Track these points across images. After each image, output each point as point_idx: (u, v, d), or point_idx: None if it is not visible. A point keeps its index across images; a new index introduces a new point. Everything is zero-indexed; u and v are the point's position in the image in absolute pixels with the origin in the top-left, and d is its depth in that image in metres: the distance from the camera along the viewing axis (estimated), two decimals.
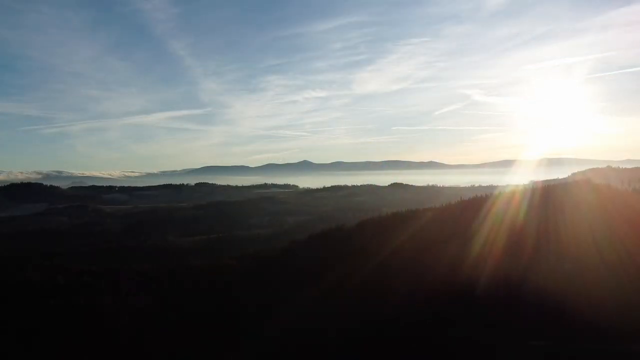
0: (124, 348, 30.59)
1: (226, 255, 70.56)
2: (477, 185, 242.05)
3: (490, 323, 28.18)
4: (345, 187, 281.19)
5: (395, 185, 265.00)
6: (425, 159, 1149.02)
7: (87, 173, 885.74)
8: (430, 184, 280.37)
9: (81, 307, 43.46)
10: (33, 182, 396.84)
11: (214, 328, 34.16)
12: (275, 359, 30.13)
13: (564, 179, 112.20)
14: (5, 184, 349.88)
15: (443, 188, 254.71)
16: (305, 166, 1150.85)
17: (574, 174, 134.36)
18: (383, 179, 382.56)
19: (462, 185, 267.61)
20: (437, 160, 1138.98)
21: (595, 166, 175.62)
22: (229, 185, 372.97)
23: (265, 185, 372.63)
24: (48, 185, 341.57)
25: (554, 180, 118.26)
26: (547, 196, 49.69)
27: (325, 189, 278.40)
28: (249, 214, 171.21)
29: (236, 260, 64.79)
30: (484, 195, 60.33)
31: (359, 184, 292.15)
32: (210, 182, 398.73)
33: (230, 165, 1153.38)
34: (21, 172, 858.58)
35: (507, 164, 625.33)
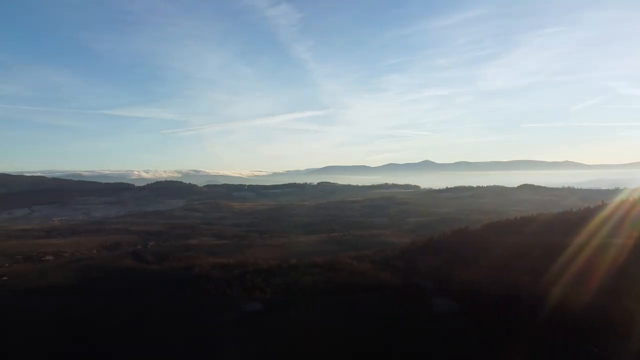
0: (248, 336, 32.63)
1: (345, 254, 71.68)
2: (621, 187, 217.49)
3: (620, 335, 25.35)
4: (470, 187, 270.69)
5: (524, 187, 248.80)
6: (560, 158, 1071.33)
7: (221, 172, 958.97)
8: (566, 185, 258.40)
9: (212, 295, 47.34)
10: (175, 180, 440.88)
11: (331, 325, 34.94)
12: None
13: None
14: (152, 182, 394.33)
15: (580, 190, 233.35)
16: (426, 166, 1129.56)
17: None
18: (511, 179, 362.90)
19: (603, 188, 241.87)
20: (573, 160, 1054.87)
21: None
22: (349, 185, 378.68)
23: (385, 185, 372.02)
24: (187, 183, 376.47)
25: None
26: None
27: (447, 189, 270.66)
28: (368, 214, 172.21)
29: (355, 259, 65.59)
30: (628, 198, 54.16)
31: (484, 185, 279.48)
32: (331, 181, 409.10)
33: (350, 165, 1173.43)
34: (165, 171, 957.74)
35: None
